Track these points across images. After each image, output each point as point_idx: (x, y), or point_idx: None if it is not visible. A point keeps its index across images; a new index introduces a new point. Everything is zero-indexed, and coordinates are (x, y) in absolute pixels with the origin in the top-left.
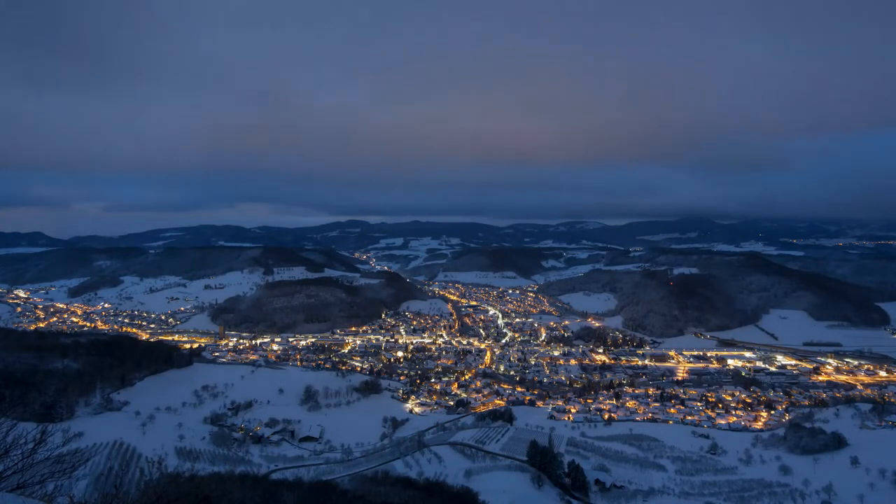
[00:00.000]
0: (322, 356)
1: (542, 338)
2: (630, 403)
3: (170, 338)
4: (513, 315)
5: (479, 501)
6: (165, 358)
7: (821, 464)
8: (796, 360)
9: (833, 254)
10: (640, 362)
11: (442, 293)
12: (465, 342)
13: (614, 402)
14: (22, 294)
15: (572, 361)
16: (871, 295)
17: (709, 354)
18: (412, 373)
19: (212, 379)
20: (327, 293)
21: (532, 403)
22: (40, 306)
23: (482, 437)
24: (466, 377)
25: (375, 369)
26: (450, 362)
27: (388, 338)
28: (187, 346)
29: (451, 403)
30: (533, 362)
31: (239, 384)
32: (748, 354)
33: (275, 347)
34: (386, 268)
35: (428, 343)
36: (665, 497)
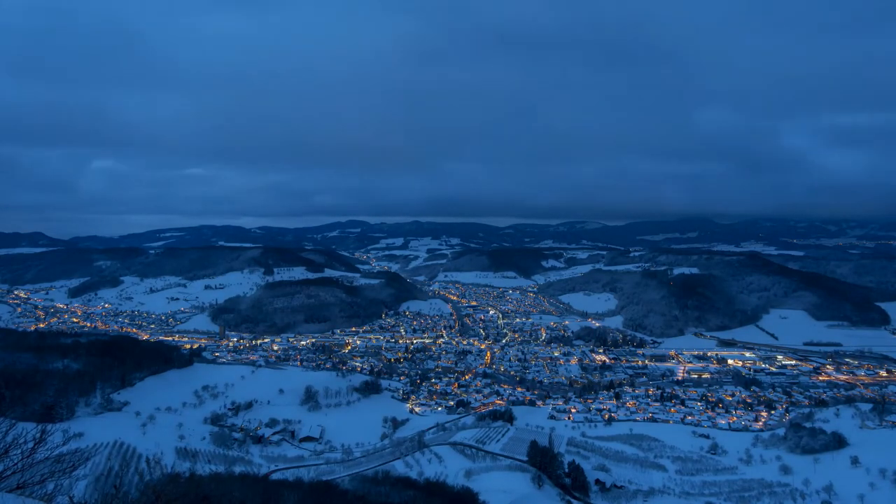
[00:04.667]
0: (322, 356)
1: (543, 338)
2: (630, 403)
3: (170, 338)
4: (513, 315)
5: (480, 501)
6: (165, 358)
7: (821, 464)
8: (796, 359)
9: (833, 254)
10: (640, 362)
11: (442, 293)
12: (465, 342)
13: (614, 402)
14: (22, 294)
15: (572, 361)
16: (871, 295)
17: (709, 354)
18: (412, 373)
19: (212, 379)
20: (327, 293)
21: (532, 403)
22: (40, 306)
23: (482, 437)
24: (467, 377)
25: (376, 369)
26: (450, 362)
27: (389, 338)
28: (187, 346)
29: (452, 403)
30: (533, 362)
31: (239, 384)
32: (748, 354)
33: (275, 347)
34: (386, 268)
35: (428, 343)
36: (665, 497)
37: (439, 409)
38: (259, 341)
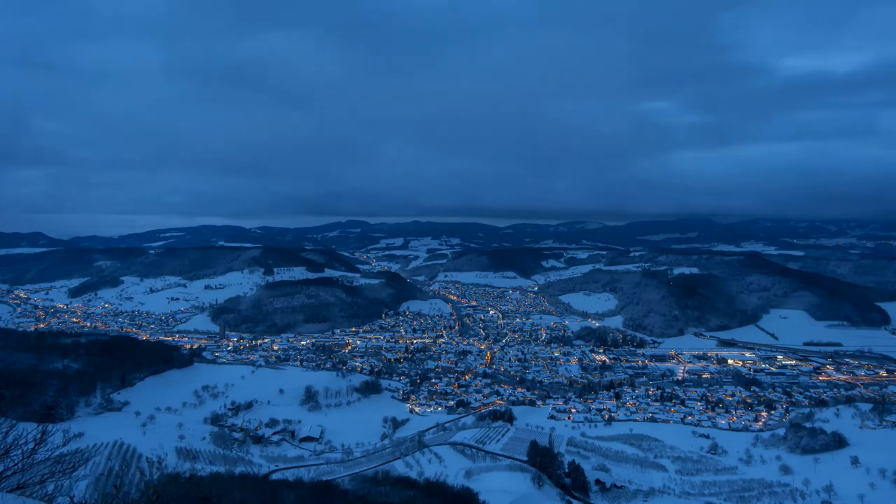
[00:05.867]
0: (322, 356)
1: (543, 338)
2: (630, 403)
3: (170, 338)
4: (513, 315)
5: (480, 501)
6: (166, 358)
7: (821, 464)
8: (796, 359)
9: (833, 254)
10: (640, 362)
11: (442, 293)
12: (465, 342)
13: (614, 402)
14: (22, 294)
15: (572, 361)
16: (871, 295)
17: (709, 354)
18: (412, 373)
19: (212, 379)
20: (327, 293)
21: (532, 403)
22: (40, 306)
23: (482, 437)
24: (467, 377)
25: (376, 369)
26: (450, 362)
27: (389, 338)
28: (187, 346)
29: (452, 403)
30: (533, 362)
31: (239, 384)
32: (748, 354)
33: (275, 347)
34: (386, 268)
35: (428, 343)
36: (665, 497)
37: (439, 409)
38: (259, 341)
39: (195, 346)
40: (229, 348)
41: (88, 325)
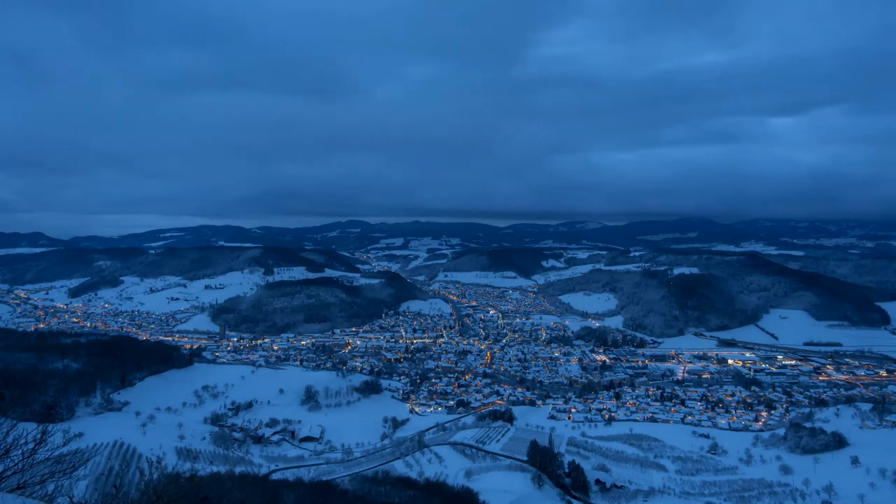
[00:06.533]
0: (322, 356)
1: (543, 338)
2: (630, 403)
3: (170, 338)
4: (513, 315)
5: (480, 501)
6: (166, 358)
7: (821, 463)
8: (796, 359)
9: (833, 254)
10: (640, 362)
11: (442, 293)
12: (465, 342)
13: (615, 401)
14: (22, 294)
15: (572, 361)
16: (871, 295)
17: (709, 354)
18: (412, 373)
19: (212, 379)
20: (327, 293)
21: (532, 403)
22: (40, 306)
23: (482, 437)
24: (467, 377)
25: (376, 369)
26: (450, 362)
27: (389, 338)
28: (187, 346)
29: (452, 403)
30: (533, 362)
31: (239, 384)
32: (748, 354)
33: (275, 347)
34: (386, 268)
35: (428, 343)
36: (665, 497)
37: (439, 409)
38: (259, 341)
39: (195, 346)
40: (229, 348)
41: (88, 325)
